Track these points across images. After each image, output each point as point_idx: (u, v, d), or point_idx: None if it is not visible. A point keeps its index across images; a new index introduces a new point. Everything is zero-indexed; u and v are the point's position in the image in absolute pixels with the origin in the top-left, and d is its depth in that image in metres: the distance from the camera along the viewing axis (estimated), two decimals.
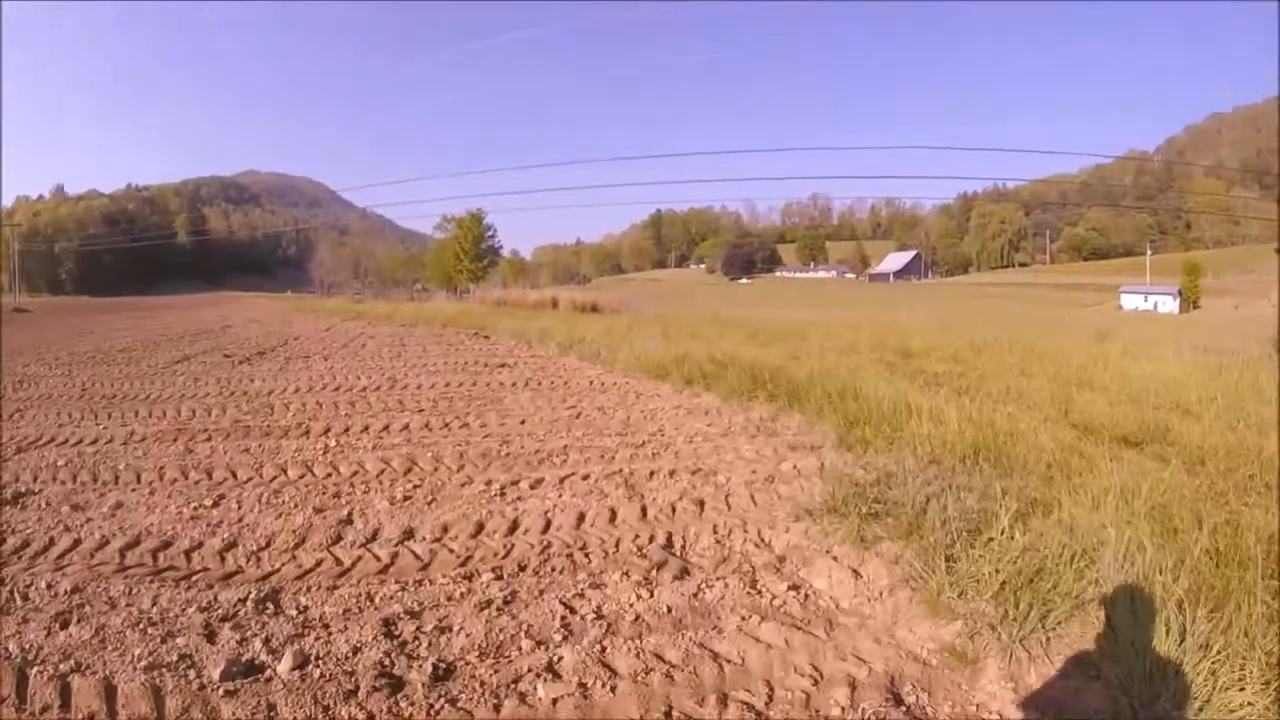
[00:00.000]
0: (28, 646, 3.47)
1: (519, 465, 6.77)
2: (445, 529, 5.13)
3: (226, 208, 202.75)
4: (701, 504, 5.61)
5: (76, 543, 5.00)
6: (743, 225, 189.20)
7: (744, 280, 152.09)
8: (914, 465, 5.57)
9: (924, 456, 5.88)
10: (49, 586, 4.21)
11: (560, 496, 5.80)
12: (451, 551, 4.77)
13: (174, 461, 7.30)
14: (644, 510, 5.46)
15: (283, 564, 4.66)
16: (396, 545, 4.87)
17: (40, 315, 48.25)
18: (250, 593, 4.13)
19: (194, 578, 4.41)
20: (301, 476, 6.70)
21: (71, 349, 20.41)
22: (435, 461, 6.95)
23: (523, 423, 8.74)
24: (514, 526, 5.17)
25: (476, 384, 11.85)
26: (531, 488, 6.04)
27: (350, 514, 5.50)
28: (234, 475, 6.80)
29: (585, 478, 6.30)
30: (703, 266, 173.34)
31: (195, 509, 5.78)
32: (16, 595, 4.10)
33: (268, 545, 4.95)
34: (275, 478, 6.70)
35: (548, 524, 5.20)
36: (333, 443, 7.89)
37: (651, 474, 6.40)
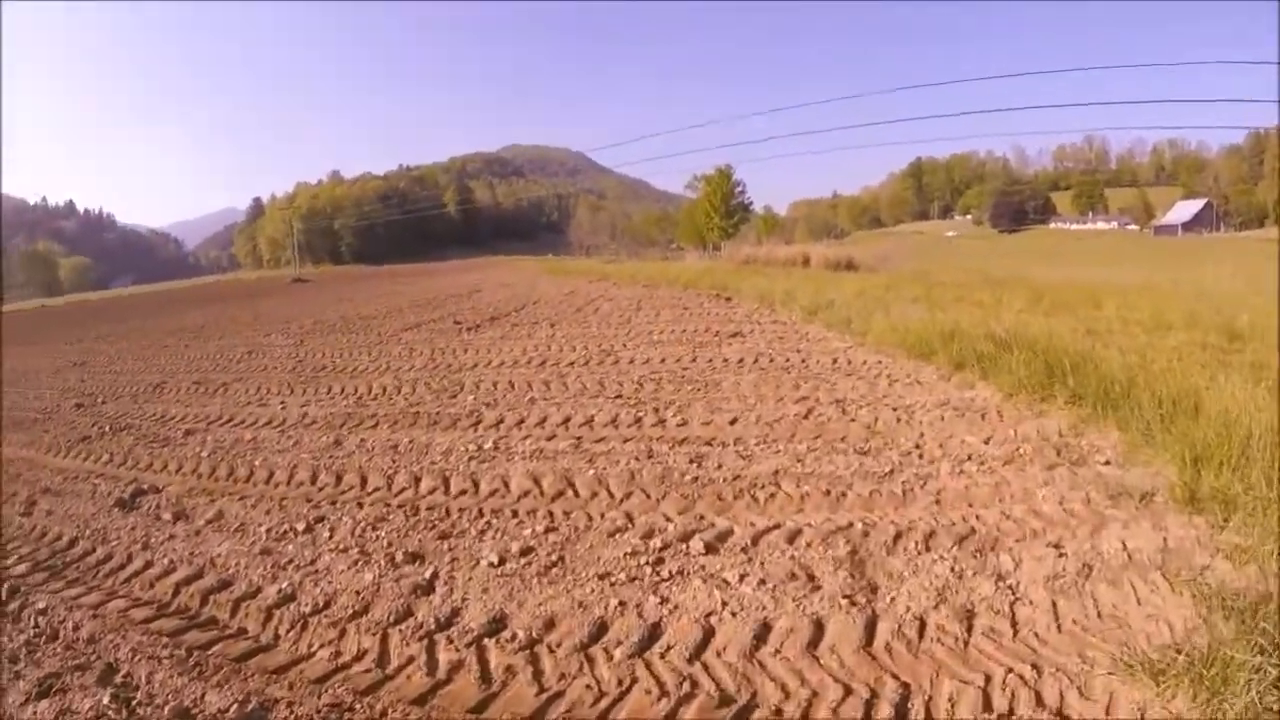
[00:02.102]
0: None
1: (703, 503, 5.01)
2: (548, 625, 3.57)
3: (491, 180, 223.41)
4: (970, 618, 3.40)
5: (139, 570, 4.80)
6: (1010, 172, 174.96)
7: (1014, 232, 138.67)
8: None
9: None
10: (70, 629, 3.99)
11: (741, 580, 3.87)
12: (538, 677, 3.20)
13: (313, 459, 7.02)
14: (870, 626, 3.40)
15: (318, 647, 3.65)
16: (467, 647, 3.44)
17: (316, 284, 57.01)
18: (248, 697, 3.18)
19: (213, 650, 3.69)
20: (431, 492, 5.82)
21: (320, 316, 22.92)
22: (596, 484, 5.48)
23: (734, 421, 6.96)
24: (650, 638, 3.43)
25: (696, 360, 10.30)
26: (705, 551, 4.23)
27: (435, 575, 4.24)
28: (361, 484, 6.20)
29: (792, 538, 4.34)
30: (968, 218, 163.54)
31: (281, 534, 5.19)
32: (45, 626, 4.06)
33: (319, 610, 3.99)
34: (400, 492, 5.90)
35: (704, 642, 3.37)
36: (490, 443, 6.87)
37: (897, 537, 4.26)
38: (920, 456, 5.66)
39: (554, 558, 4.30)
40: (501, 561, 4.29)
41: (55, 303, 69.88)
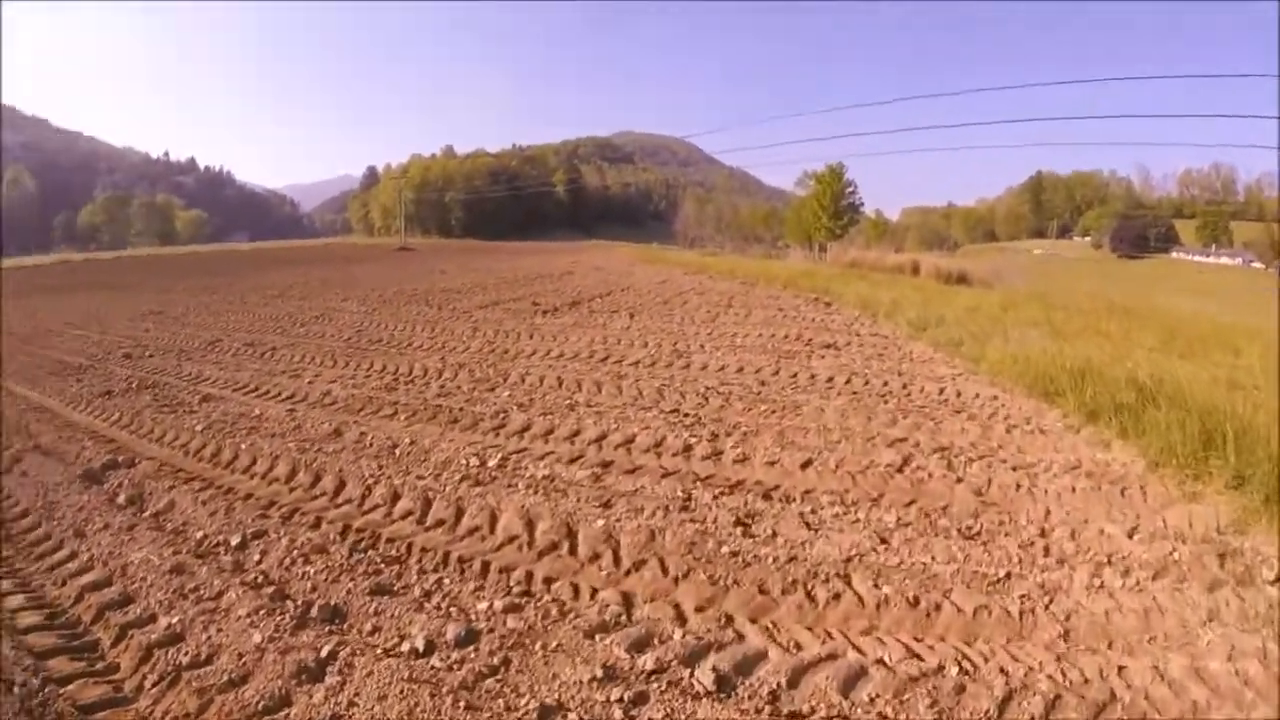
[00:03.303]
0: None
1: (737, 593, 3.60)
2: None
3: (602, 165, 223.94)
4: None
5: (60, 562, 4.39)
6: (1134, 194, 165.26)
7: (1135, 259, 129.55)
8: None
9: None
10: None
11: None
12: None
13: (301, 450, 6.21)
14: None
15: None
16: None
17: (420, 254, 57.80)
18: None
19: (67, 690, 3.11)
20: (403, 516, 4.73)
21: (405, 286, 22.57)
22: (603, 541, 4.18)
23: (806, 465, 5.51)
24: None
25: (779, 373, 8.87)
26: (714, 691, 2.80)
27: (332, 656, 3.10)
28: (333, 491, 5.26)
29: (851, 682, 2.85)
30: (1087, 240, 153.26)
31: (210, 548, 4.41)
32: None
33: (196, 665, 3.22)
34: (368, 511, 4.87)
35: None
36: (499, 458, 5.70)
37: (1007, 699, 2.78)
38: (1046, 552, 4.08)
39: (495, 661, 3.02)
40: (427, 651, 3.08)
41: (168, 252, 73.64)
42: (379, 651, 3.16)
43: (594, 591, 3.65)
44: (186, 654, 3.25)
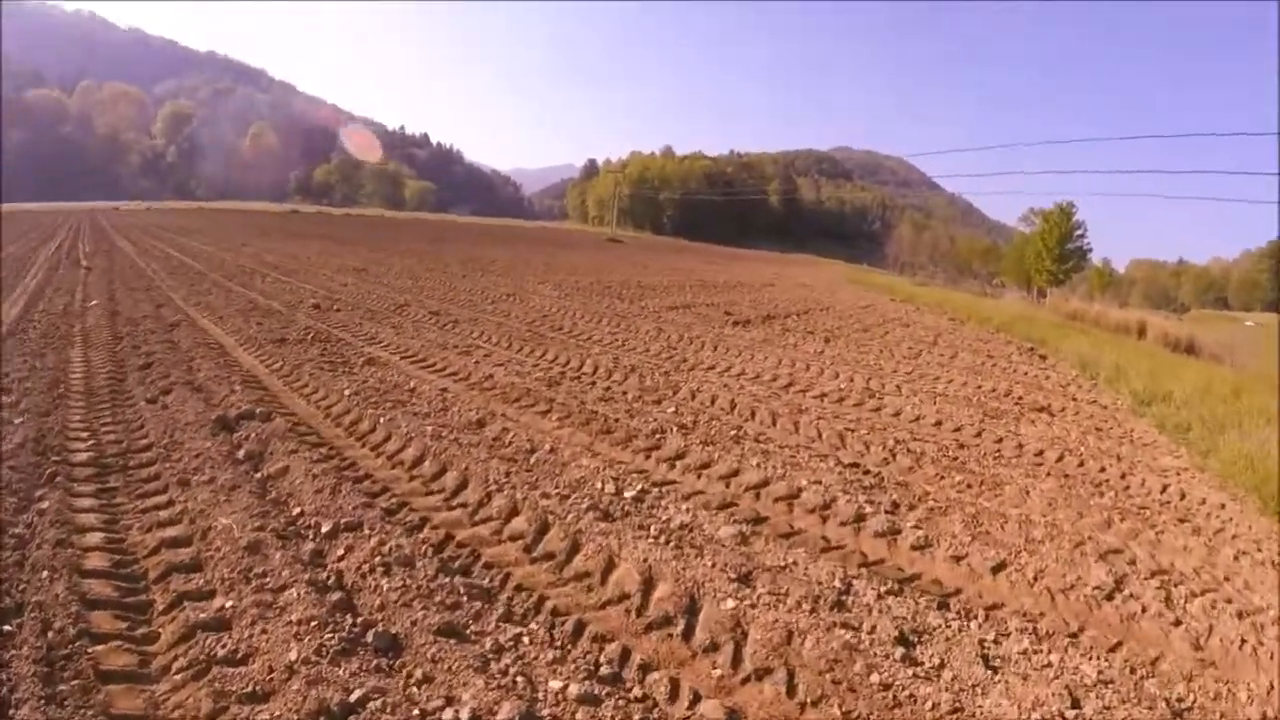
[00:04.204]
0: None
1: None
2: None
3: (819, 179, 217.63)
4: None
5: (150, 508, 4.27)
6: None
7: None
8: None
9: None
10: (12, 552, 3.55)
11: None
12: None
13: (436, 438, 5.80)
14: None
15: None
16: None
17: (627, 247, 58.70)
18: None
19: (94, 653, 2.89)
20: (515, 537, 4.15)
21: (604, 277, 22.71)
22: (729, 629, 3.29)
23: (999, 569, 4.30)
24: None
25: (982, 435, 7.55)
26: None
27: (345, 706, 2.57)
28: (451, 492, 4.77)
29: None
30: None
31: (295, 530, 4.06)
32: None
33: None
34: (477, 525, 4.31)
35: None
36: (638, 490, 5.01)
37: None
38: None
39: None
40: None
41: (392, 215, 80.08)
42: (415, 713, 2.57)
43: (696, 698, 2.83)
44: (225, 646, 2.94)
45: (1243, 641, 3.86)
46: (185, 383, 6.85)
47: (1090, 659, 3.46)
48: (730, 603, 3.52)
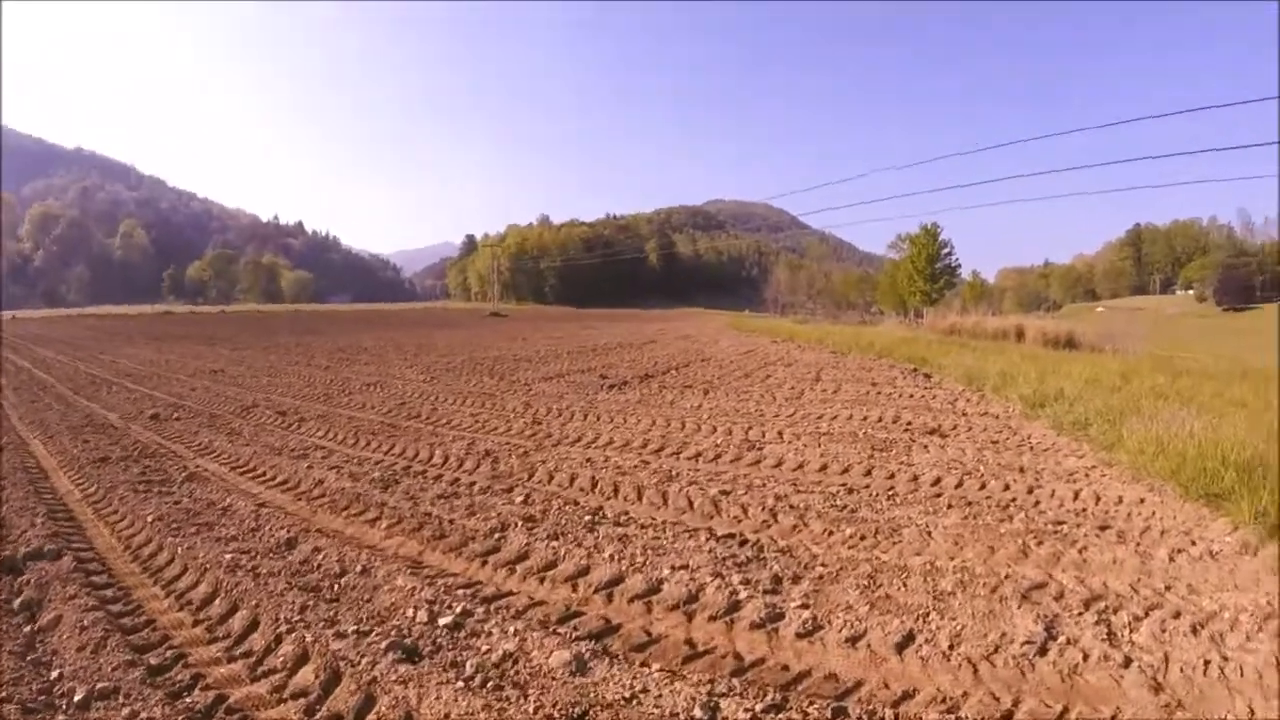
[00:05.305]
0: None
1: None
2: None
3: (694, 233, 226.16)
4: None
5: None
6: (1235, 242, 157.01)
7: (1241, 311, 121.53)
8: None
9: None
10: None
11: None
12: None
13: (232, 567, 4.81)
14: None
15: None
16: None
17: (510, 320, 57.93)
18: None
19: None
20: (298, 695, 3.24)
21: (477, 354, 21.77)
22: None
23: (907, 644, 3.61)
24: None
25: (872, 474, 6.99)
26: None
27: None
28: (237, 638, 3.88)
29: None
30: (1189, 293, 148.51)
31: (43, 703, 2.87)
32: None
33: None
34: (258, 680, 3.40)
35: None
36: (465, 608, 4.10)
37: None
38: None
39: None
40: None
41: (269, 309, 77.53)
42: None
43: None
44: None
45: (1205, 664, 3.37)
46: None
47: None
48: None
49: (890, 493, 6.37)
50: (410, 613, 4.01)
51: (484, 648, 3.61)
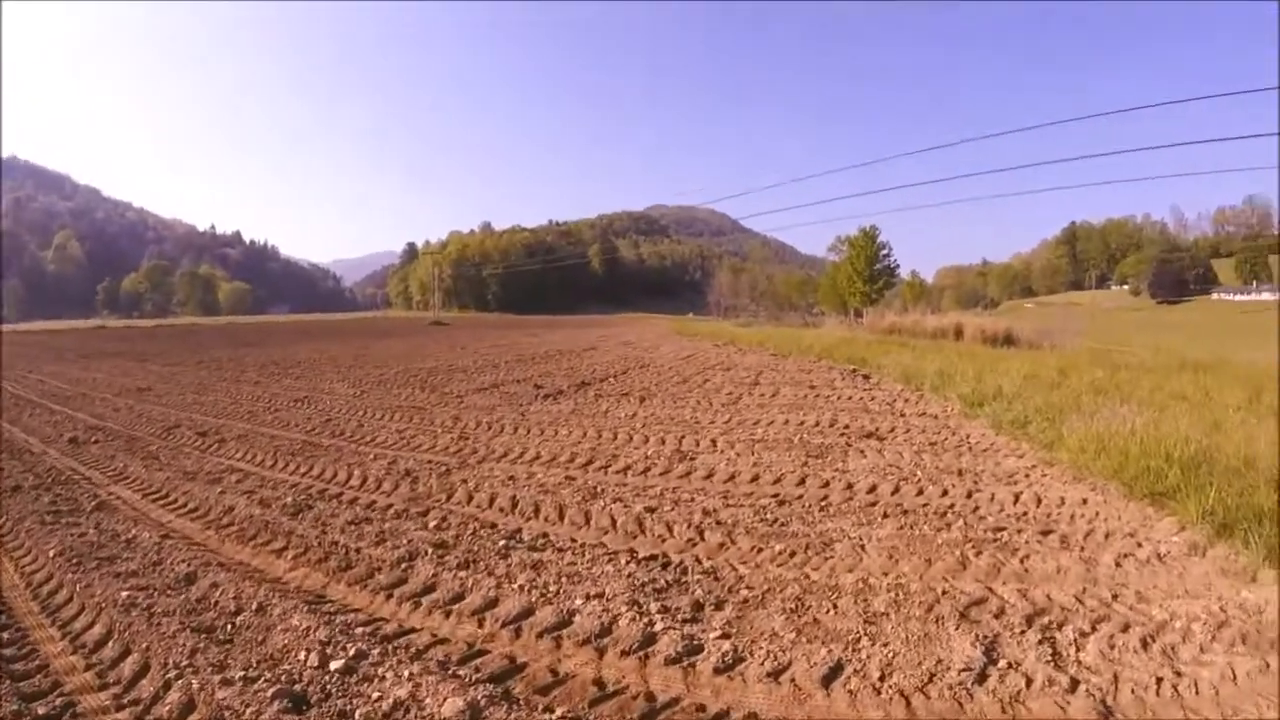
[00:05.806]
0: None
1: None
2: None
3: (637, 238, 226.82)
4: None
5: None
6: (1169, 238, 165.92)
7: (1175, 304, 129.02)
8: None
9: None
10: None
11: None
12: None
13: (128, 606, 4.38)
14: None
15: None
16: None
17: (451, 328, 56.86)
18: None
19: None
20: None
21: (413, 364, 21.13)
22: None
23: (833, 676, 3.39)
24: None
25: (806, 482, 6.84)
26: None
27: None
28: (126, 684, 3.48)
29: None
30: (1124, 288, 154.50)
31: None
32: None
33: None
34: None
35: None
36: (359, 649, 3.70)
37: None
38: None
39: None
40: None
41: (206, 322, 74.75)
42: None
43: None
44: None
45: (1158, 682, 3.21)
46: None
47: None
48: None
49: (824, 503, 6.19)
50: (302, 656, 3.65)
51: (375, 695, 3.27)
